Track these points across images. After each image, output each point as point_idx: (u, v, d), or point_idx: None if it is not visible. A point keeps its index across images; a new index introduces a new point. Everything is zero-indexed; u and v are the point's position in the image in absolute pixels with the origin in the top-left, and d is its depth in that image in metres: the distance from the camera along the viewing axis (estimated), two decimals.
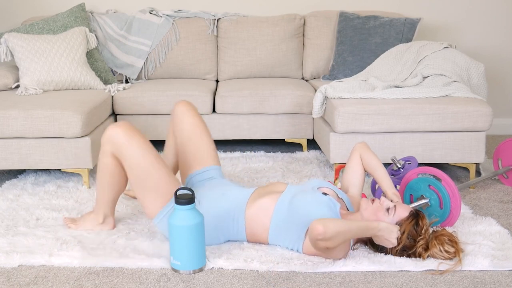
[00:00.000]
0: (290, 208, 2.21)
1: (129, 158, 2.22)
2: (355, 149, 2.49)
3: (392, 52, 3.69)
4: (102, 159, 2.34)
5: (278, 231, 2.23)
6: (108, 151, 2.30)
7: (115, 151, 2.27)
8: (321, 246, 2.03)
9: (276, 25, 4.06)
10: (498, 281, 2.03)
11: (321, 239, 1.96)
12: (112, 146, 2.26)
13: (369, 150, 2.46)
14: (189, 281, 2.05)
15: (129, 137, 2.22)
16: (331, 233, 1.95)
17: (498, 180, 3.18)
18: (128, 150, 2.22)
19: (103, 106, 3.36)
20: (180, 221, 2.06)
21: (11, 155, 3.00)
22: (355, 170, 2.47)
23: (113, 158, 2.31)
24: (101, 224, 2.46)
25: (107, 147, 2.29)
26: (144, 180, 2.21)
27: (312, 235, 1.98)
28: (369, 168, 2.43)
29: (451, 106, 2.99)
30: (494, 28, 4.33)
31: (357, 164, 2.47)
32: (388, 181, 2.37)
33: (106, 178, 2.37)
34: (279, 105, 3.61)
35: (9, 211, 2.72)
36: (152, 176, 2.21)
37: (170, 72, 4.10)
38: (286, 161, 3.55)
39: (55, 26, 3.77)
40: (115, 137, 2.24)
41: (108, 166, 2.34)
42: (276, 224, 2.23)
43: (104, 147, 2.30)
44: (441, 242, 2.14)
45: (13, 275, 2.10)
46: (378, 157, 2.66)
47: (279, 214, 2.22)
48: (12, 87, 3.54)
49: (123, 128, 2.24)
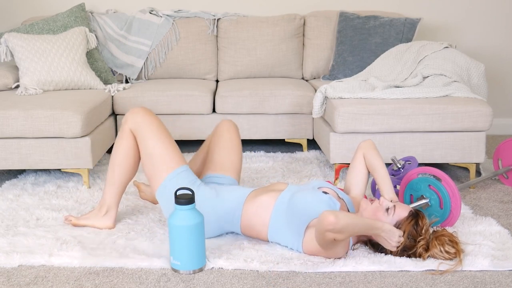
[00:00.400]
0: (290, 205, 2.22)
1: (145, 131, 2.38)
2: (359, 148, 2.46)
3: (392, 52, 3.69)
4: (119, 139, 2.46)
5: (278, 228, 2.24)
6: (127, 129, 2.43)
7: (134, 127, 2.40)
8: (328, 238, 2.01)
9: (276, 25, 4.06)
10: (498, 281, 2.03)
11: (331, 229, 1.95)
12: (133, 122, 2.41)
13: (372, 149, 2.42)
14: (189, 281, 2.05)
15: (149, 115, 2.43)
16: (341, 224, 1.94)
17: (498, 180, 3.18)
18: (145, 123, 2.40)
19: (103, 106, 3.35)
20: (180, 221, 2.06)
21: (11, 155, 3.00)
22: (358, 170, 2.45)
23: (130, 138, 2.43)
24: (103, 216, 2.49)
25: (126, 125, 2.43)
26: (153, 150, 2.35)
27: (323, 225, 1.96)
28: (370, 168, 2.41)
29: (451, 106, 2.99)
30: (494, 28, 4.33)
31: (360, 163, 2.44)
32: (387, 185, 2.33)
33: (120, 158, 2.45)
34: (279, 105, 3.61)
35: (9, 211, 2.72)
36: (160, 147, 2.36)
37: (170, 72, 4.10)
38: (286, 161, 3.55)
39: (55, 26, 3.77)
40: (138, 113, 2.43)
41: (123, 146, 2.45)
42: (276, 221, 2.23)
43: (124, 125, 2.44)
44: (441, 242, 2.14)
45: (13, 275, 2.10)
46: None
47: (279, 211, 2.23)
48: (12, 87, 3.54)
49: (146, 110, 2.46)
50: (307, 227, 2.18)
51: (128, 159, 2.46)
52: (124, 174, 2.48)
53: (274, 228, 2.25)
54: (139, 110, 2.44)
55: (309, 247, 2.19)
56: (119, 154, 2.46)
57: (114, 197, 2.50)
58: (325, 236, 2.01)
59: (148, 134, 2.38)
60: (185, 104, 3.60)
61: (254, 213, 2.28)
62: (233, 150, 2.58)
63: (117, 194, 2.50)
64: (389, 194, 2.30)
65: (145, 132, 2.39)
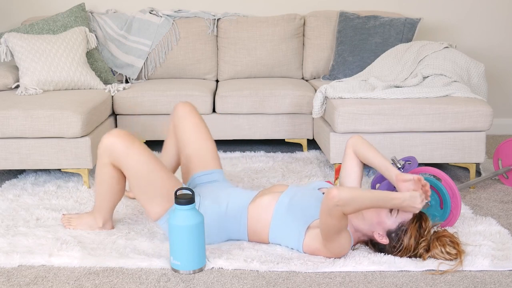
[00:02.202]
0: (290, 206, 2.21)
1: (130, 167, 2.20)
2: (348, 145, 2.40)
3: (392, 52, 3.69)
4: (100, 169, 2.31)
5: (279, 229, 2.24)
6: (106, 162, 2.26)
7: (114, 161, 2.24)
8: (337, 214, 1.94)
9: (276, 25, 4.06)
10: (498, 281, 2.03)
11: (336, 202, 1.90)
12: (110, 157, 2.23)
13: (361, 144, 2.34)
14: (189, 281, 2.05)
15: (127, 146, 2.20)
16: (345, 195, 1.90)
17: (498, 180, 3.18)
18: (127, 159, 2.20)
19: (103, 106, 3.35)
20: (180, 221, 2.06)
21: (11, 155, 3.00)
22: (349, 168, 2.39)
23: (112, 168, 2.29)
24: (100, 228, 2.46)
25: (105, 158, 2.25)
26: (146, 186, 2.21)
27: (328, 200, 1.92)
28: (366, 162, 2.33)
29: (451, 106, 2.99)
30: (494, 28, 4.33)
31: (350, 161, 2.39)
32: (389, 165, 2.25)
33: (105, 188, 2.35)
34: (279, 105, 3.61)
35: (9, 211, 2.72)
36: (155, 182, 2.20)
37: (170, 72, 4.10)
38: (286, 161, 3.55)
39: (55, 26, 3.77)
40: (113, 147, 2.21)
41: (107, 176, 2.31)
42: (276, 221, 2.23)
43: (102, 158, 2.26)
44: (442, 243, 2.14)
45: (13, 275, 2.10)
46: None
47: (279, 213, 2.22)
48: (12, 87, 3.54)
49: (120, 137, 2.20)
50: (308, 228, 2.18)
51: (115, 186, 2.34)
52: (115, 198, 2.39)
53: (274, 230, 2.25)
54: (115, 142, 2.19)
55: (309, 248, 2.19)
56: (104, 184, 2.33)
57: (108, 213, 2.44)
58: (332, 212, 1.94)
59: (135, 170, 2.19)
60: None
61: (257, 218, 2.26)
62: (202, 136, 2.49)
63: (111, 209, 2.44)
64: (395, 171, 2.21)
65: (132, 167, 2.19)
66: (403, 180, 2.18)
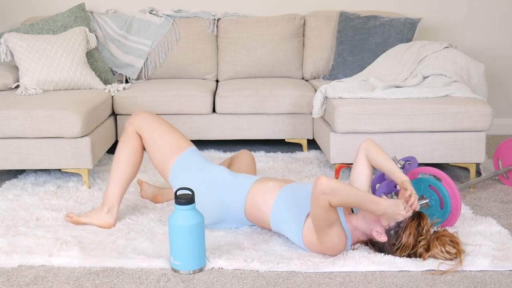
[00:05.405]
0: (293, 194, 2.29)
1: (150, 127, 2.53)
2: (360, 149, 2.44)
3: (392, 52, 3.69)
4: (124, 140, 2.56)
5: (280, 213, 2.28)
6: (131, 130, 2.55)
7: (138, 126, 2.54)
8: (323, 204, 2.01)
9: (276, 25, 4.06)
10: (499, 281, 2.03)
11: (323, 189, 1.98)
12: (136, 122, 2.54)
13: (373, 148, 2.40)
14: (189, 281, 2.05)
15: (151, 115, 2.59)
16: (332, 184, 1.99)
17: (498, 180, 3.17)
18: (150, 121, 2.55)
19: (103, 106, 3.35)
20: (180, 221, 2.06)
21: (11, 155, 3.00)
22: (359, 171, 2.43)
23: (135, 139, 2.55)
24: (105, 214, 2.51)
25: (131, 126, 2.55)
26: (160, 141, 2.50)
27: (316, 186, 2.01)
28: (376, 166, 2.39)
29: (451, 106, 2.99)
30: (494, 28, 4.33)
31: (361, 165, 2.43)
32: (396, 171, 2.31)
33: (125, 157, 2.54)
34: (279, 105, 3.61)
35: (9, 211, 2.72)
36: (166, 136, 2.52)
37: (170, 72, 4.10)
38: (286, 161, 3.55)
39: (55, 26, 3.77)
40: (140, 114, 2.57)
41: (129, 145, 2.54)
42: (278, 205, 2.29)
43: (128, 127, 2.56)
44: (442, 243, 2.14)
45: (13, 275, 2.10)
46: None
47: (282, 197, 2.30)
48: (12, 87, 3.54)
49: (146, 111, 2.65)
50: (308, 216, 2.21)
51: (133, 157, 2.55)
52: (129, 171, 2.55)
53: (276, 213, 2.29)
54: (141, 112, 2.60)
55: (308, 237, 2.20)
56: (124, 153, 2.55)
57: (117, 195, 2.53)
58: (319, 201, 2.02)
59: (153, 129, 2.53)
60: (185, 104, 3.60)
61: (259, 194, 2.35)
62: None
63: (120, 192, 2.55)
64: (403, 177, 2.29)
65: (151, 127, 2.53)
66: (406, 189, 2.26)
